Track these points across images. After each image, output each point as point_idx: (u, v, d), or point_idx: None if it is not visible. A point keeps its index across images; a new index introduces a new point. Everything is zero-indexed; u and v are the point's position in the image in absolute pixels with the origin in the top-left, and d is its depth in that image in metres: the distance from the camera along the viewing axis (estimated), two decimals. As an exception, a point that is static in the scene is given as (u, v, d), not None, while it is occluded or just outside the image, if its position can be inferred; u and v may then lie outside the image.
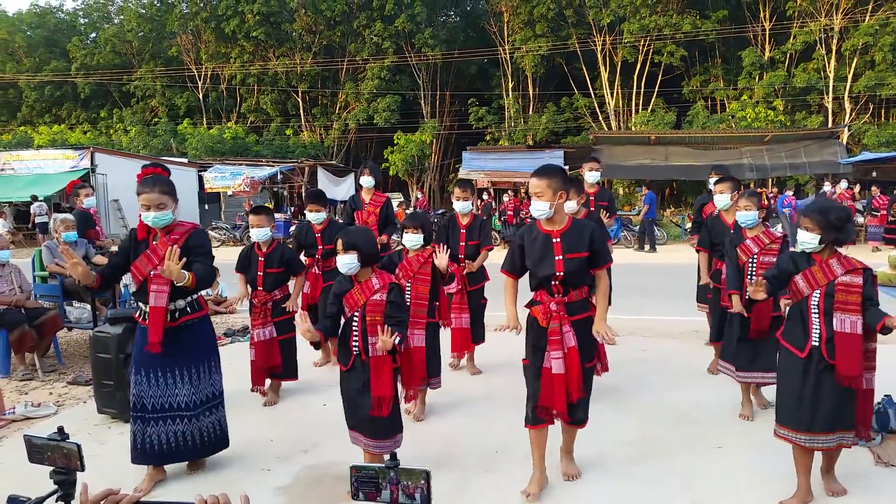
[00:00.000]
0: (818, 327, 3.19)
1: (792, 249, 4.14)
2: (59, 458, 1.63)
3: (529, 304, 3.43)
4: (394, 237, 8.14)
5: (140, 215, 3.54)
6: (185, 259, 3.37)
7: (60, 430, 1.68)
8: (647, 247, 16.61)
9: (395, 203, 7.89)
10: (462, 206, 5.56)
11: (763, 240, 4.44)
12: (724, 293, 4.93)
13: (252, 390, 5.02)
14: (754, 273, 4.38)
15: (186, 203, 24.82)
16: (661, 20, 28.86)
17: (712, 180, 5.83)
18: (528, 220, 3.31)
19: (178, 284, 3.39)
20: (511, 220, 19.18)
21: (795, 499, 3.27)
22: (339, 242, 3.39)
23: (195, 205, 25.43)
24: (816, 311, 3.20)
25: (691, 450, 3.98)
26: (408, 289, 4.50)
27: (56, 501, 1.67)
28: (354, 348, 3.42)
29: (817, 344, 3.18)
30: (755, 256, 4.41)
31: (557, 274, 3.25)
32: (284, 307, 5.04)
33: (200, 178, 24.98)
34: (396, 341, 3.25)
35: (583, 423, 3.50)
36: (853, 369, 3.08)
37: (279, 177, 25.10)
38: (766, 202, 4.56)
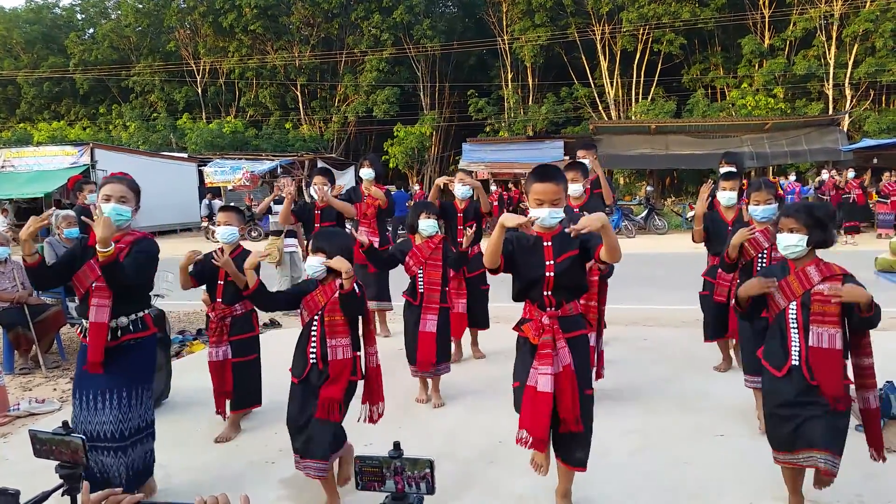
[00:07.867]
0: (797, 344, 2.89)
1: (765, 265, 3.94)
2: (65, 452, 1.64)
3: (518, 325, 3.06)
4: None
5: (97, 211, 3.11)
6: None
7: (65, 424, 1.69)
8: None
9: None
10: (464, 190, 5.61)
11: (773, 232, 4.03)
12: (717, 289, 4.81)
13: (217, 413, 4.34)
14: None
15: (187, 198, 24.87)
16: (660, 8, 28.73)
17: (723, 170, 5.69)
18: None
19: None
20: (496, 211, 19.23)
21: None
22: (311, 243, 3.22)
23: (195, 200, 25.45)
24: (795, 325, 2.90)
25: (693, 438, 3.99)
26: (420, 275, 4.61)
27: (62, 495, 1.68)
28: (311, 355, 3.18)
29: (797, 363, 2.87)
30: (765, 251, 4.09)
31: (548, 276, 2.91)
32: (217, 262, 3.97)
33: (200, 173, 24.98)
34: (350, 286, 3.04)
35: (583, 465, 3.01)
36: (834, 388, 2.79)
37: (279, 170, 25.11)
38: (780, 191, 4.35)
